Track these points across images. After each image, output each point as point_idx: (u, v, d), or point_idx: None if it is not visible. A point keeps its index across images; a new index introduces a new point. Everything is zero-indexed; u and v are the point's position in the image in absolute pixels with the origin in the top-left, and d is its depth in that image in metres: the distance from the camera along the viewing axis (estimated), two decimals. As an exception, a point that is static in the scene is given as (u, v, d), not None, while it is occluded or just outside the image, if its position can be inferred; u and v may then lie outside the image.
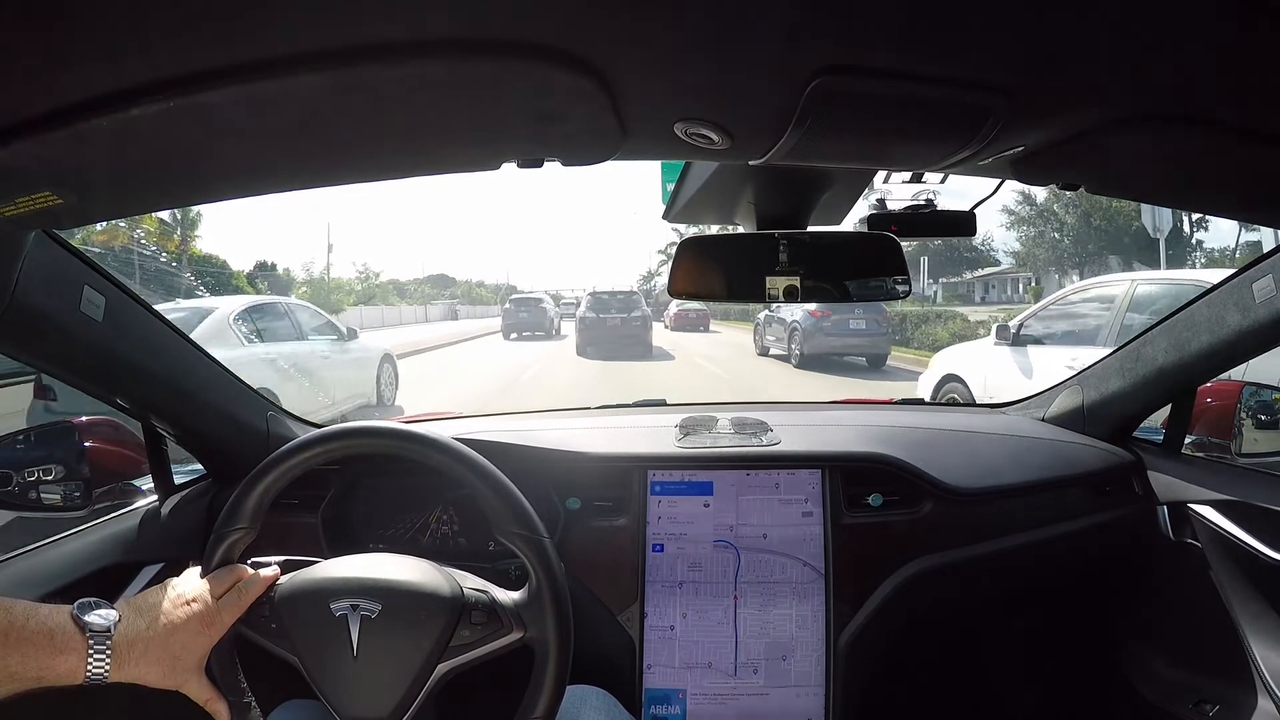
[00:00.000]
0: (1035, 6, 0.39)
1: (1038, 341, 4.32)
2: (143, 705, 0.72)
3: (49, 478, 0.96)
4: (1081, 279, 16.79)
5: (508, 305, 18.33)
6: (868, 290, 0.86)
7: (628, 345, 11.50)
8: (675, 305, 18.42)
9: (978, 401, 4.53)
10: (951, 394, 4.79)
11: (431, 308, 39.95)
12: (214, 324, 4.66)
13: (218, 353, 1.01)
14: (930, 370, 5.21)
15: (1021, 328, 4.48)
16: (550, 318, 17.62)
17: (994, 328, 4.81)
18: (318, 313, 6.27)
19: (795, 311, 9.64)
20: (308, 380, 5.10)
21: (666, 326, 18.15)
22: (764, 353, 11.09)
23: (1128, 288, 4.02)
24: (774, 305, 9.88)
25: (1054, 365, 3.80)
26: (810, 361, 9.36)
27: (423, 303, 41.15)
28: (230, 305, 5.10)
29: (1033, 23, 0.40)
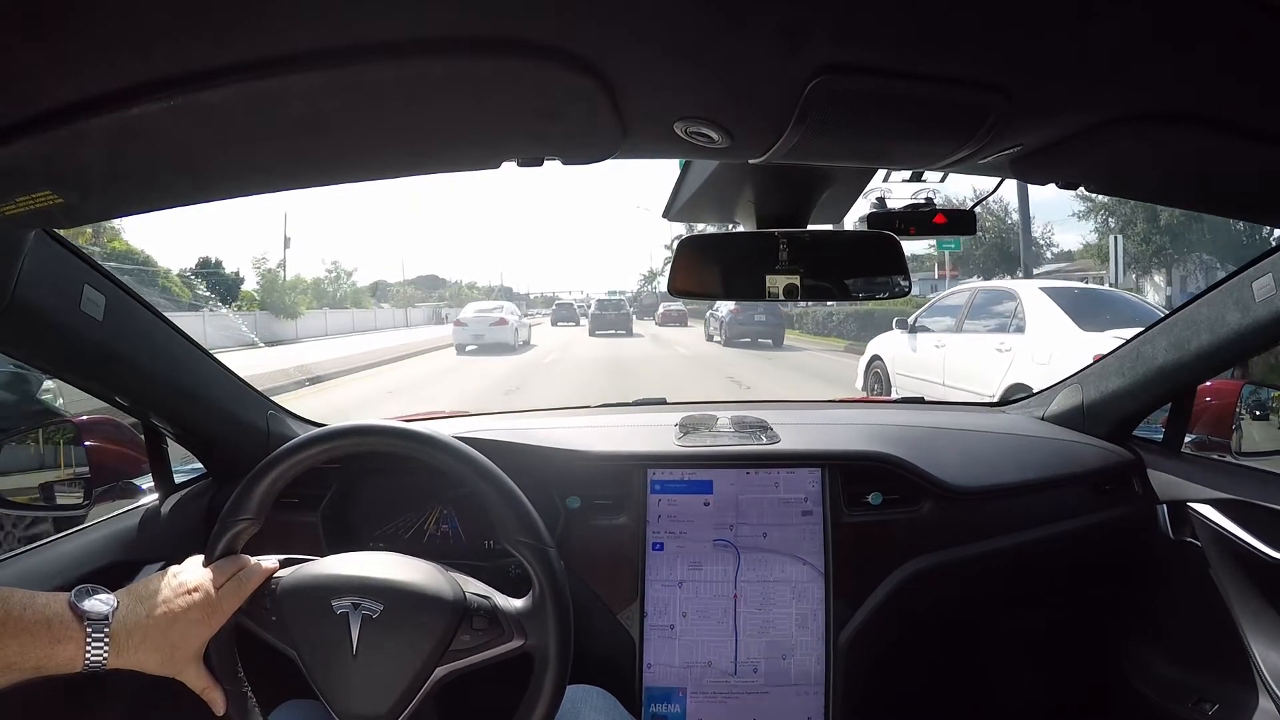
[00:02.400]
0: (1034, 5, 0.39)
1: (925, 329, 5.84)
2: (141, 693, 0.72)
3: (50, 476, 0.97)
4: (1168, 281, 16.16)
5: (555, 306, 32.90)
6: (868, 288, 0.86)
7: (617, 328, 19.60)
8: (662, 306, 24.50)
9: (888, 370, 6.20)
10: (875, 369, 6.43)
11: (414, 311, 36.88)
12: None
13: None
14: (865, 354, 6.91)
15: (916, 320, 5.99)
16: (576, 313, 28.79)
17: (894, 320, 6.37)
18: (515, 306, 16.62)
19: (723, 309, 14.40)
20: (520, 329, 14.51)
21: (655, 322, 23.84)
22: (709, 339, 15.75)
23: (971, 292, 5.75)
24: (715, 305, 14.92)
25: (928, 344, 5.65)
26: (731, 342, 13.99)
27: (404, 305, 37.95)
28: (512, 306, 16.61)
29: (1032, 21, 0.40)
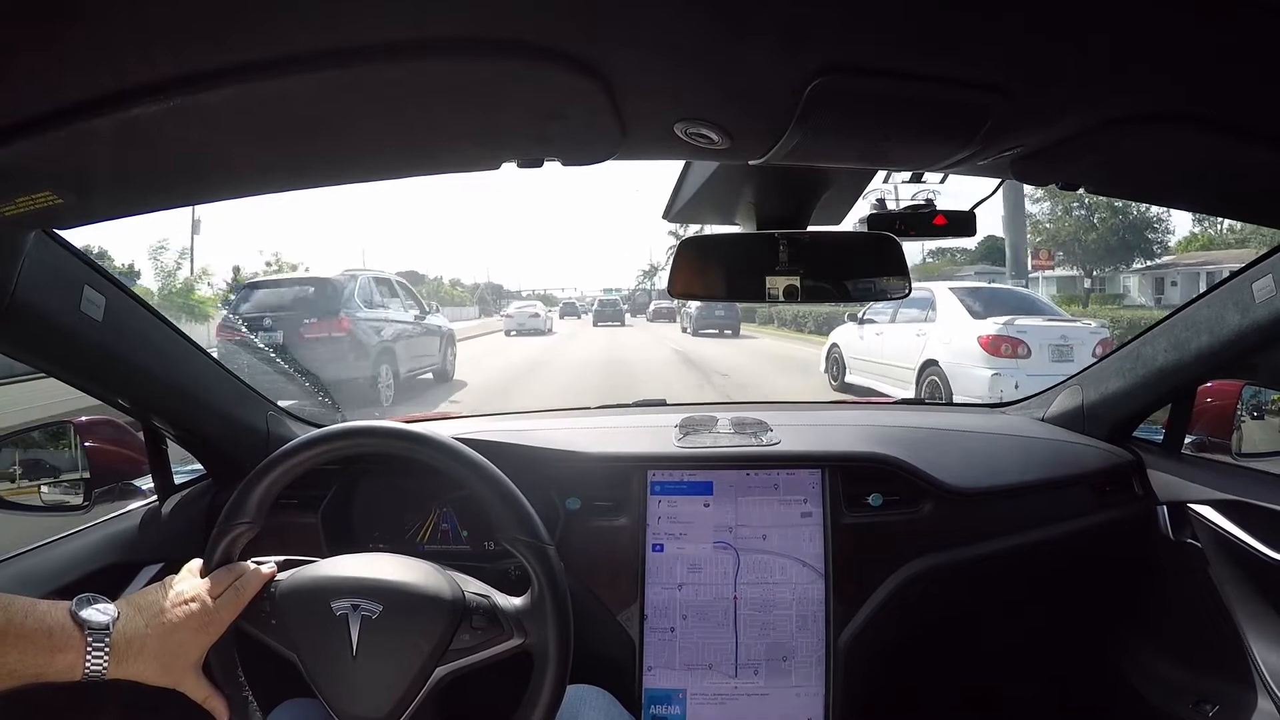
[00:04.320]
0: (1034, 6, 0.39)
1: (871, 321, 7.00)
2: (140, 702, 0.72)
3: (49, 477, 0.96)
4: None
5: (561, 305, 36.55)
6: (868, 290, 0.86)
7: (613, 320, 24.00)
8: (653, 304, 28.07)
9: (844, 355, 7.47)
10: (834, 354, 7.71)
11: None
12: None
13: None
14: (826, 342, 8.13)
15: (864, 315, 7.11)
16: (579, 311, 33.92)
17: (845, 315, 7.64)
18: (543, 305, 24.27)
19: (691, 305, 17.30)
20: (547, 320, 20.96)
21: (647, 319, 26.79)
22: (684, 331, 18.67)
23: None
24: (687, 301, 16.54)
25: (872, 333, 6.94)
26: (697, 332, 17.26)
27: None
28: (542, 305, 23.94)
29: (1031, 23, 0.40)
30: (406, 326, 7.31)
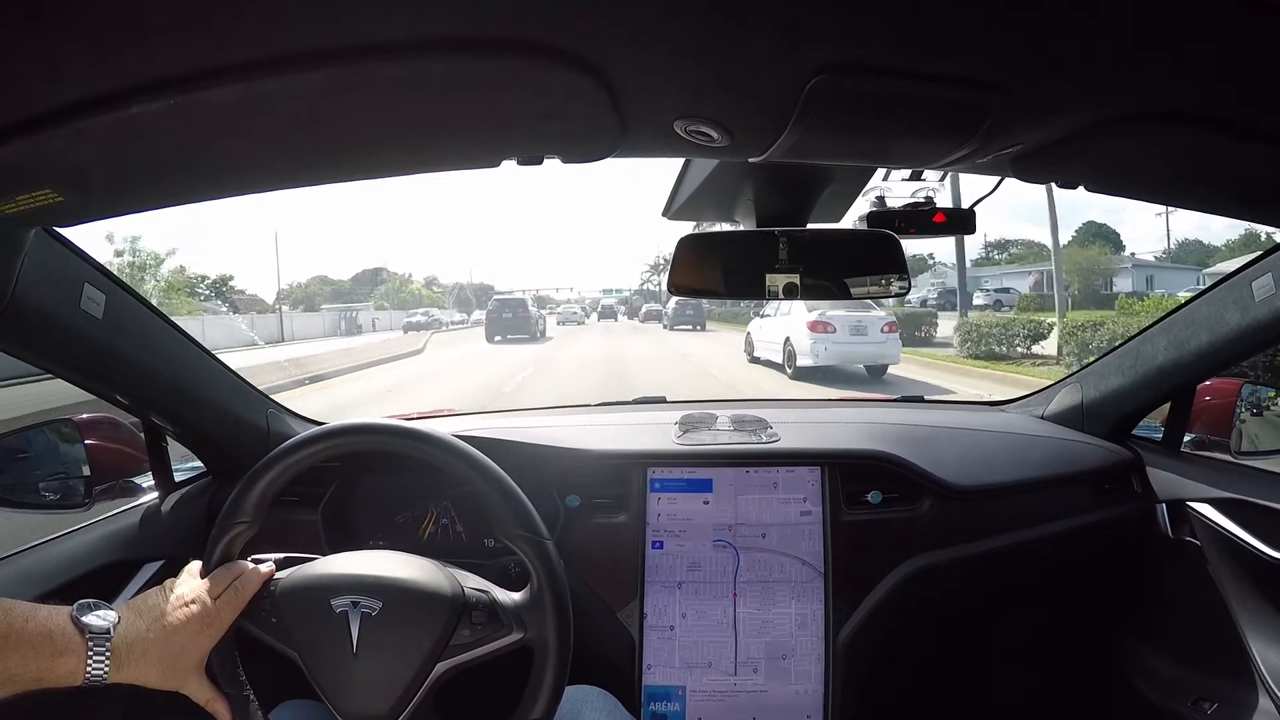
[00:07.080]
0: (1033, 5, 0.39)
1: (767, 316, 10.44)
2: (142, 706, 0.72)
3: (50, 475, 0.97)
4: None
5: (575, 311, 41.76)
6: (867, 287, 0.86)
7: (611, 317, 35.76)
8: (644, 307, 33.45)
9: (753, 339, 10.92)
10: (749, 339, 11.29)
11: (307, 318, 28.83)
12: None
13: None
14: (745, 331, 11.95)
15: (763, 312, 10.61)
16: (587, 313, 40.98)
17: (752, 313, 11.71)
18: (581, 308, 40.97)
19: (670, 307, 23.55)
20: (583, 318, 36.86)
21: (639, 321, 32.15)
22: (666, 328, 23.45)
23: None
24: (667, 304, 24.64)
25: (766, 324, 10.43)
26: (671, 327, 22.46)
27: (294, 308, 29.35)
28: (580, 308, 42.26)
29: (1031, 21, 0.40)
30: (536, 314, 20.28)
